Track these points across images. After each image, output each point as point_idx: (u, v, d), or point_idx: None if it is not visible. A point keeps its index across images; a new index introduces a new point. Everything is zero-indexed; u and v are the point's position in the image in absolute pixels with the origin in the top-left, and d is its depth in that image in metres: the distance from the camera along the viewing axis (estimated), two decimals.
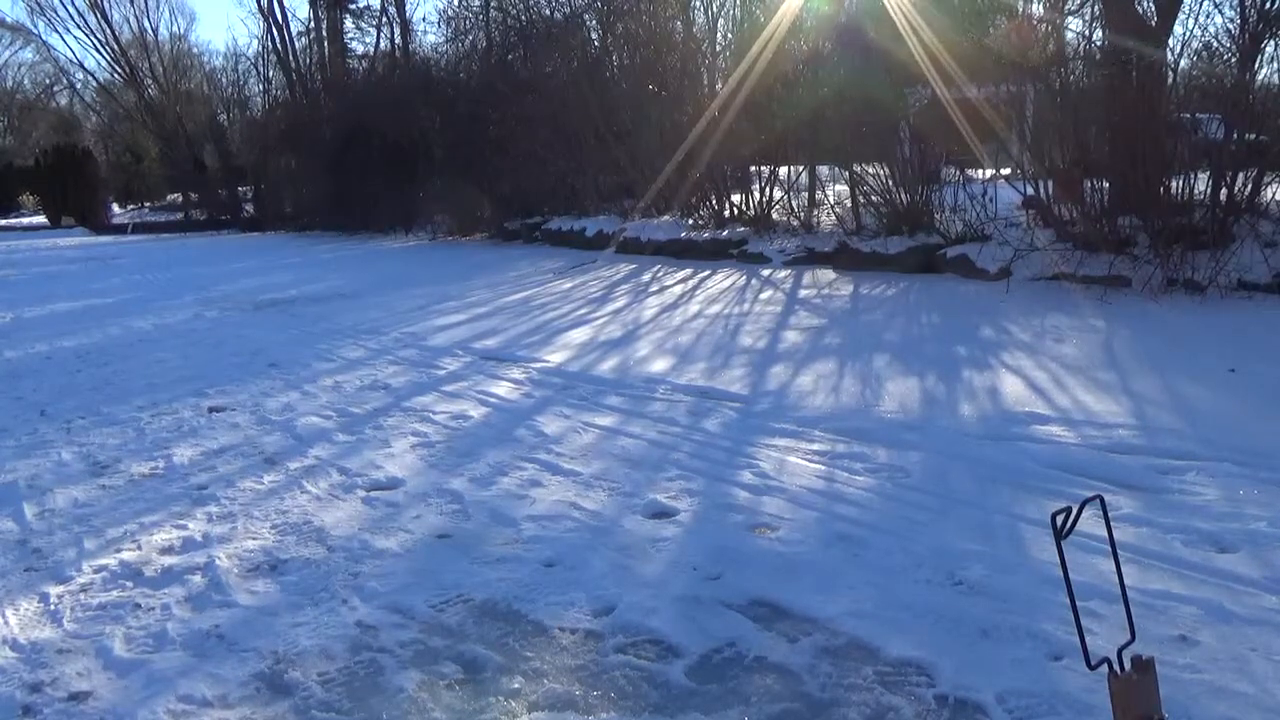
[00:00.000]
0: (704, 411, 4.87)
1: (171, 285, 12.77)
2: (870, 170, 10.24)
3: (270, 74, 30.41)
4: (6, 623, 2.88)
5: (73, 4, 30.67)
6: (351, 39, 29.89)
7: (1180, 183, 7.28)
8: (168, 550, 3.39)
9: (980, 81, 9.30)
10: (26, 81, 46.12)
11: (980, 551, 3.02)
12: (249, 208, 29.23)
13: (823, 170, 12.50)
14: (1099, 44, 8.55)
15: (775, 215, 12.16)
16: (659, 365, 5.96)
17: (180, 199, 34.12)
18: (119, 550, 3.40)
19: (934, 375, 5.24)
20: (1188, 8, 9.05)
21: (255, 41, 33.99)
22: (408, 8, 30.78)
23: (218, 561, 3.25)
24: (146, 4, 34.08)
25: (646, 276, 10.48)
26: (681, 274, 10.42)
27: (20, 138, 44.93)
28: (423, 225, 19.31)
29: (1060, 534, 0.99)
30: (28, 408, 5.80)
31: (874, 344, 6.15)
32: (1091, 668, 1.00)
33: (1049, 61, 8.60)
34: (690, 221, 13.00)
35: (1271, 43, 7.67)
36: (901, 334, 6.50)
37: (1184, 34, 8.21)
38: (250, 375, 6.39)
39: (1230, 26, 7.95)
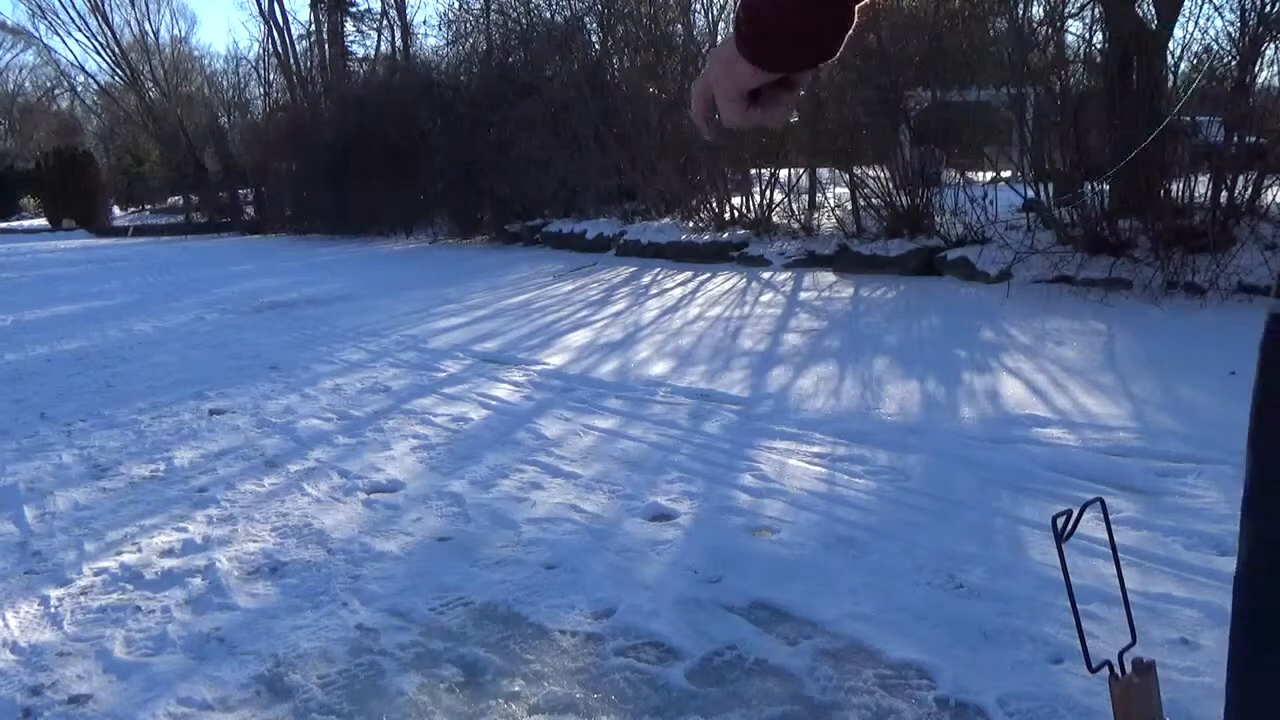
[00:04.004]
0: (704, 414, 4.87)
1: (172, 288, 12.77)
2: (870, 173, 10.25)
3: (271, 77, 30.56)
4: (6, 625, 2.87)
5: (74, 7, 30.98)
6: (352, 42, 30.05)
7: (1180, 185, 7.28)
8: (168, 553, 3.39)
9: (981, 84, 9.32)
10: (28, 84, 46.28)
11: (981, 554, 3.02)
12: (249, 210, 29.25)
13: (823, 173, 12.51)
14: (1099, 47, 8.56)
15: (775, 218, 12.16)
16: (659, 368, 5.96)
17: (181, 202, 34.15)
18: (119, 553, 3.40)
19: (934, 378, 5.24)
20: (1188, 11, 9.07)
21: (256, 44, 34.29)
22: (408, 11, 30.83)
23: (218, 564, 3.25)
24: (148, 7, 34.24)
25: (646, 279, 10.48)
26: (681, 276, 10.42)
27: (21, 140, 45.00)
28: (423, 228, 19.31)
29: (1061, 537, 0.99)
30: (28, 410, 5.80)
31: (874, 346, 6.15)
32: (1092, 671, 1.00)
33: (1049, 64, 8.61)
34: (690, 224, 13.00)
35: (1272, 46, 7.67)
36: (902, 336, 6.50)
37: (1184, 37, 8.23)
38: (251, 378, 6.39)
39: (1230, 30, 7.97)
